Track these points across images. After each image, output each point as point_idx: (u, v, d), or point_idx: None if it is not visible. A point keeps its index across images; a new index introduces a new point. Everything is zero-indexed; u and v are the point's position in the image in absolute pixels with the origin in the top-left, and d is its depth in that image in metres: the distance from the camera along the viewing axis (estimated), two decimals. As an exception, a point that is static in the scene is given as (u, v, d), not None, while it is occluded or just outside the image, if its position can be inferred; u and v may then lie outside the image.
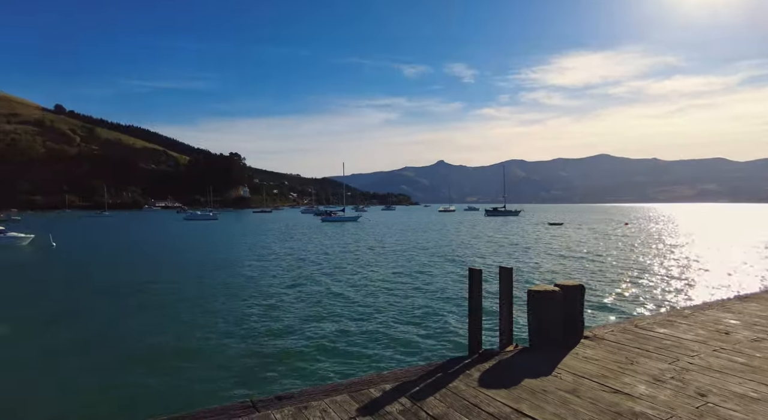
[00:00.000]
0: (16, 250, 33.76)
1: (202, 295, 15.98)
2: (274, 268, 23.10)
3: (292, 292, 16.39)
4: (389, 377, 4.14)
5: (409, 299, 14.83)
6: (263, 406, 3.51)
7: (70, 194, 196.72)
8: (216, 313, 13.42)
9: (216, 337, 10.93)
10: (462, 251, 29.69)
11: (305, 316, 12.92)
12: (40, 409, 7.32)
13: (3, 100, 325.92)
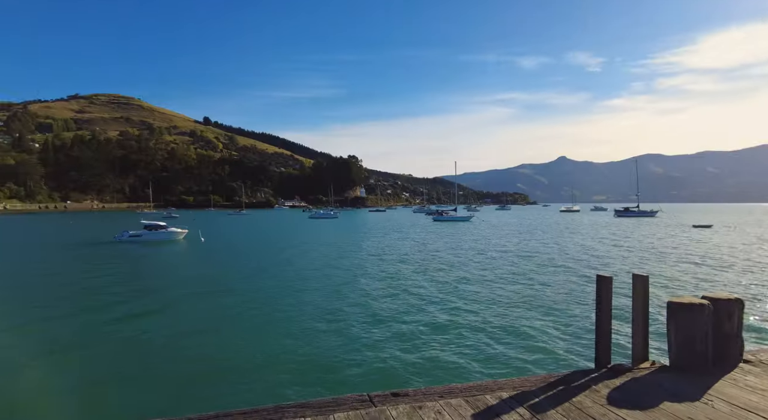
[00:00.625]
0: (175, 242, 39.66)
1: (323, 286, 17.10)
2: (385, 264, 23.76)
3: (403, 288, 16.71)
4: (506, 385, 3.97)
5: (525, 304, 14.14)
6: (380, 402, 3.61)
7: (214, 194, 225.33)
8: (332, 303, 14.26)
9: (331, 328, 11.61)
10: (587, 255, 27.40)
11: (414, 312, 13.07)
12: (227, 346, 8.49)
13: (165, 114, 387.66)
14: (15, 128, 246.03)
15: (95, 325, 12.43)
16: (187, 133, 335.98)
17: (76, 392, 8.04)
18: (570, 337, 10.64)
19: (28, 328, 12.18)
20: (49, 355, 9.93)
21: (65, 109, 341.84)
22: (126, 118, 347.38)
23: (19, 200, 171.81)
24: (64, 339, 11.10)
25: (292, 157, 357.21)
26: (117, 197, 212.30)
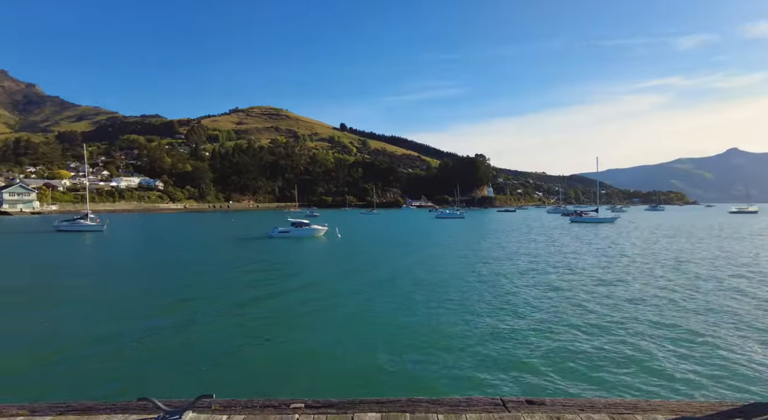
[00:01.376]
0: (316, 239, 43.39)
1: (455, 283, 17.10)
2: (513, 266, 22.77)
3: (535, 293, 15.83)
4: (661, 407, 3.52)
5: (689, 321, 12.31)
6: (513, 407, 3.49)
7: (349, 195, 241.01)
8: (467, 301, 14.15)
9: (464, 326, 11.52)
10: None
11: (552, 320, 12.28)
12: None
13: (308, 122, 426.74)
14: (192, 140, 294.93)
15: (256, 302, 14.26)
16: (326, 139, 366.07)
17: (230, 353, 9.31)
18: (752, 362, 8.97)
19: (195, 303, 14.47)
20: (212, 324, 11.68)
21: (228, 121, 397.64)
22: (276, 127, 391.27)
23: (195, 200, 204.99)
24: (225, 310, 12.95)
25: (419, 158, 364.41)
26: (268, 198, 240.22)
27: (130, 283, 19.49)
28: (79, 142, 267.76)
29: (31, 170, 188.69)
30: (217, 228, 64.96)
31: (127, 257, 29.71)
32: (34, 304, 15.10)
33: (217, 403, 4.24)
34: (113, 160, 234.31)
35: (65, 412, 4.07)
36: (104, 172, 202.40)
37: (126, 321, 12.72)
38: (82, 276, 21.59)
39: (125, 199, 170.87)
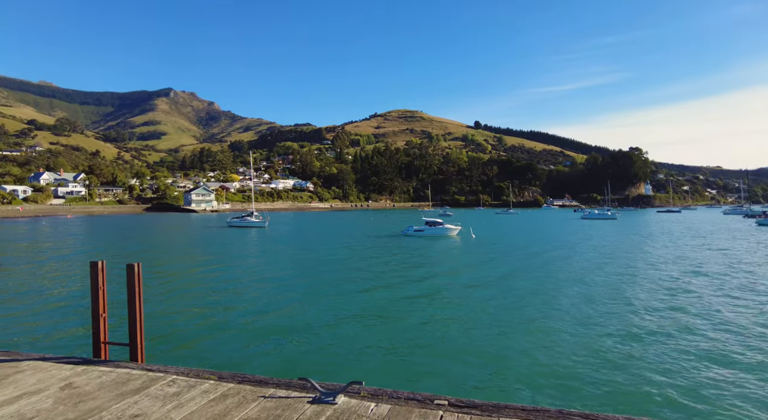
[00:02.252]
0: (450, 238, 43.42)
1: (607, 298, 15.57)
2: (700, 280, 19.68)
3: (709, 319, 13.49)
4: None
5: None
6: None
7: (483, 194, 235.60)
8: (621, 316, 12.76)
9: (614, 340, 10.40)
10: None
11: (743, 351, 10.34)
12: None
13: (442, 122, 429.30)
14: (337, 145, 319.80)
15: (391, 297, 14.88)
16: (459, 138, 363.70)
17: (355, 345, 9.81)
18: None
19: (333, 294, 15.58)
20: (342, 318, 12.46)
21: (368, 126, 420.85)
22: (411, 129, 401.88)
23: (339, 200, 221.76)
24: (360, 304, 13.71)
25: (561, 153, 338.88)
26: (404, 197, 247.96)
27: (291, 273, 21.92)
28: (245, 150, 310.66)
29: (211, 175, 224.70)
30: (358, 225, 69.29)
31: (286, 250, 33.45)
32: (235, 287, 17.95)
33: (365, 391, 4.54)
34: (272, 164, 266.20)
35: (243, 382, 4.77)
36: (265, 176, 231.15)
37: (289, 309, 14.35)
38: (246, 262, 25.03)
39: (282, 198, 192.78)
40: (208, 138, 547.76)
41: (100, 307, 5.81)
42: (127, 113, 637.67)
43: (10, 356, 5.46)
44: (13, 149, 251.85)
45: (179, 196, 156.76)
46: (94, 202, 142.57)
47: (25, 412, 3.91)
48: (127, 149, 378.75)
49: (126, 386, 4.51)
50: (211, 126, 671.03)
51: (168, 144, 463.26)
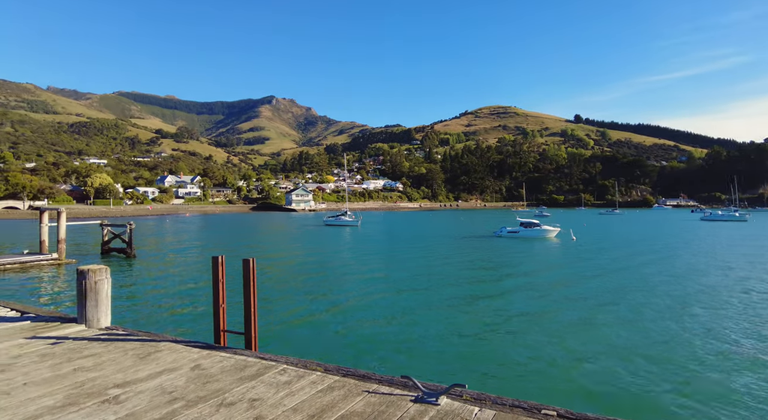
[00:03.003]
0: (547, 240, 41.21)
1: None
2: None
3: None
4: None
5: None
6: None
7: (585, 193, 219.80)
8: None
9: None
10: None
11: None
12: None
13: (538, 118, 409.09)
14: (426, 145, 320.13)
15: (473, 299, 14.51)
16: (558, 134, 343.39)
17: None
18: None
19: (428, 292, 15.50)
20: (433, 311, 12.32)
21: (458, 124, 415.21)
22: (503, 125, 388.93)
23: (428, 200, 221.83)
24: (446, 302, 13.50)
25: (675, 147, 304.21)
26: (495, 197, 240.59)
27: (385, 271, 22.42)
28: (339, 152, 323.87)
29: (309, 176, 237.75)
30: (447, 225, 68.69)
31: (379, 249, 34.25)
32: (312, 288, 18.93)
33: (468, 394, 4.46)
34: (364, 165, 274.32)
35: (347, 376, 4.95)
36: (357, 176, 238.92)
37: (385, 306, 14.69)
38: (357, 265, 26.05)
39: (372, 198, 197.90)
40: (306, 142, 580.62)
41: (220, 298, 6.42)
42: (235, 120, 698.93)
43: (151, 337, 6.27)
44: (144, 156, 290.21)
45: (281, 197, 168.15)
46: (208, 202, 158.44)
47: (166, 387, 4.45)
48: (235, 154, 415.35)
49: (244, 372, 4.93)
50: (309, 130, 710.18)
51: (271, 148, 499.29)
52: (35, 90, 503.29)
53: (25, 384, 4.53)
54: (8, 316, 7.42)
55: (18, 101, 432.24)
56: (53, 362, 5.16)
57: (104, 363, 5.15)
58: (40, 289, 17.49)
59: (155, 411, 3.96)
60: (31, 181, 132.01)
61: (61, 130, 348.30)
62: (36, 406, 4.01)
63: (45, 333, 6.42)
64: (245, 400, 4.23)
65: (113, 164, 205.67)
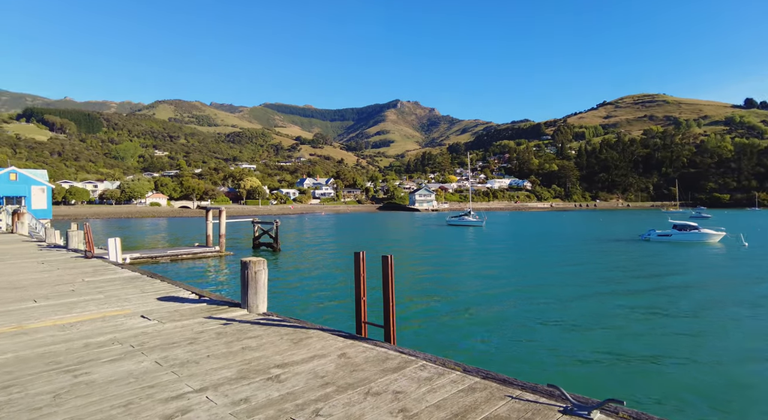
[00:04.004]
0: (708, 245, 35.45)
1: None
2: None
3: None
4: None
5: None
6: None
7: (759, 191, 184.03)
8: None
9: None
10: None
11: None
12: None
13: (693, 105, 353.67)
14: (558, 140, 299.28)
15: (615, 307, 13.00)
16: (720, 122, 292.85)
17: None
18: None
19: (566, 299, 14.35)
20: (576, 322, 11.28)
21: (595, 116, 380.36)
22: (649, 115, 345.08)
23: (560, 199, 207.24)
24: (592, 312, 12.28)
25: None
26: (641, 196, 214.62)
27: (517, 273, 21.59)
28: (462, 151, 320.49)
29: (431, 176, 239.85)
30: (583, 227, 63.30)
31: (507, 250, 33.09)
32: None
33: (625, 412, 4.02)
34: (488, 164, 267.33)
35: (487, 378, 4.83)
36: (481, 176, 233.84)
37: (518, 309, 14.14)
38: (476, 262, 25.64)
39: (497, 198, 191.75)
40: (429, 142, 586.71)
41: (361, 291, 6.78)
42: (363, 125, 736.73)
43: (301, 324, 6.90)
44: (286, 160, 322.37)
45: (405, 197, 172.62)
46: (340, 202, 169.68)
47: (318, 371, 4.84)
48: (363, 156, 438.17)
49: (385, 364, 5.12)
50: (432, 131, 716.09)
51: (395, 150, 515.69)
52: (201, 106, 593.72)
53: (208, 356, 5.33)
54: (190, 298, 8.83)
55: (189, 117, 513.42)
56: (226, 340, 5.98)
57: (265, 344, 5.80)
58: (208, 276, 20.52)
59: (311, 392, 4.32)
60: (198, 184, 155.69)
61: (220, 139, 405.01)
62: (218, 376, 4.68)
63: (217, 314, 7.47)
64: (389, 391, 4.38)
65: (261, 168, 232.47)
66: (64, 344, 5.83)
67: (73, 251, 17.08)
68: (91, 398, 4.16)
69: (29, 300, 8.58)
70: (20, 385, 4.46)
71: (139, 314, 7.46)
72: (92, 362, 5.12)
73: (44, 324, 6.84)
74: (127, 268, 12.93)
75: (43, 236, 23.40)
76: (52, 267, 13.03)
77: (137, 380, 4.57)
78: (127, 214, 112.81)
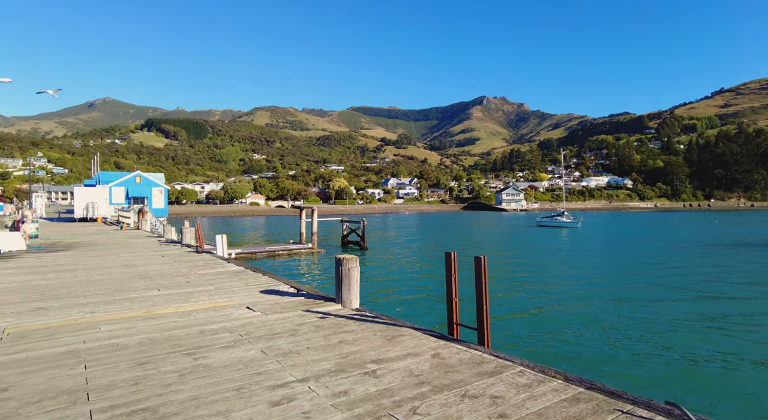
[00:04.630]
0: None
1: None
2: None
3: None
4: None
5: None
6: None
7: None
8: None
9: None
10: None
11: None
12: None
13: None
14: (664, 133, 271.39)
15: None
16: None
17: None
18: None
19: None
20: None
21: (708, 106, 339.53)
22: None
23: (666, 198, 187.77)
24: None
25: None
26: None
27: (624, 280, 20.02)
28: (554, 147, 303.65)
29: (520, 175, 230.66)
30: (696, 229, 56.71)
31: (611, 254, 30.78)
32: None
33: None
34: (583, 161, 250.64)
35: (592, 389, 4.50)
36: (575, 173, 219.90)
37: (629, 319, 13.11)
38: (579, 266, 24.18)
39: (594, 197, 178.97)
40: (517, 139, 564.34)
41: (453, 292, 6.70)
42: (447, 124, 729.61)
43: (393, 321, 6.99)
44: (371, 161, 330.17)
45: (491, 196, 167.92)
46: (423, 202, 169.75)
47: (413, 369, 4.87)
48: (447, 156, 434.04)
49: (481, 367, 5.00)
50: (521, 127, 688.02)
51: (481, 148, 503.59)
52: (295, 112, 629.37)
53: (308, 347, 5.60)
54: (289, 291, 9.37)
55: (284, 122, 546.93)
56: (324, 333, 6.24)
57: (359, 339, 5.96)
58: (302, 271, 21.65)
59: (407, 390, 4.35)
60: (292, 185, 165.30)
61: (311, 143, 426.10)
62: (318, 368, 4.90)
63: (314, 308, 7.84)
64: (486, 395, 4.27)
65: (348, 170, 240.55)
66: (183, 330, 6.49)
67: (186, 246, 19.00)
68: (209, 380, 4.58)
69: (154, 289, 9.70)
70: (153, 363, 5.05)
71: (245, 305, 8.08)
72: (208, 348, 5.63)
73: (167, 311, 7.68)
74: (232, 263, 14.08)
75: (161, 232, 26.31)
76: (170, 260, 14.61)
77: (246, 367, 4.94)
78: (229, 212, 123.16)
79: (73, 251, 16.93)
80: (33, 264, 13.53)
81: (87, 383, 4.48)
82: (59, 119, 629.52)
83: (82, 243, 20.33)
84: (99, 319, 7.08)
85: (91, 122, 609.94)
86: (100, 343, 5.83)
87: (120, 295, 9.02)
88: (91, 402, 4.06)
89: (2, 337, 6.10)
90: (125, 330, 6.45)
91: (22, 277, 11.19)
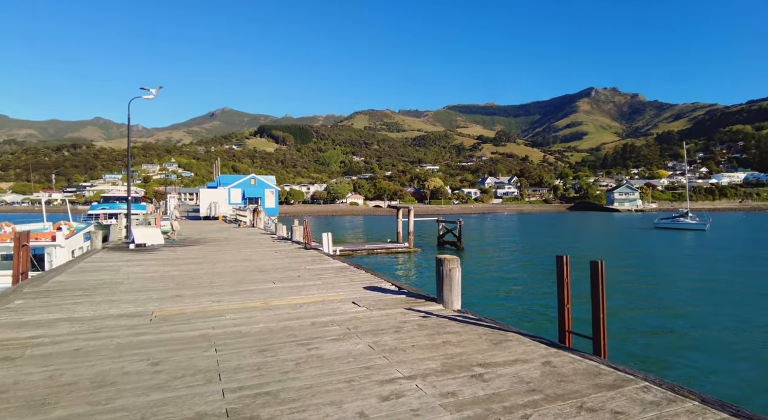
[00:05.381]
0: None
1: None
2: None
3: None
4: None
5: None
6: None
7: None
8: None
9: None
10: None
11: None
12: None
13: None
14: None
15: None
16: None
17: None
18: None
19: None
20: None
21: None
22: None
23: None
24: None
25: None
26: None
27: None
28: (675, 141, 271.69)
29: (634, 172, 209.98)
30: None
31: (749, 263, 26.86)
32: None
33: None
34: (712, 155, 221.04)
35: (738, 415, 3.94)
36: (702, 169, 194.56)
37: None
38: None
39: (727, 196, 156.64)
40: (631, 133, 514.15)
41: (565, 297, 6.32)
42: (551, 118, 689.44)
43: (498, 325, 6.79)
44: (467, 160, 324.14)
45: (601, 195, 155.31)
46: (524, 201, 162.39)
47: (522, 376, 4.68)
48: (551, 152, 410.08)
49: (598, 379, 4.64)
50: (635, 120, 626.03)
51: (589, 143, 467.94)
52: (391, 114, 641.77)
53: (413, 346, 5.67)
54: (391, 289, 9.58)
55: (381, 124, 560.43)
56: (428, 332, 6.27)
57: (464, 341, 5.88)
58: (400, 270, 22.01)
59: (517, 397, 4.19)
60: (388, 185, 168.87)
61: (406, 143, 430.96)
62: (424, 366, 4.94)
63: (416, 307, 7.92)
64: (606, 410, 3.95)
65: (443, 169, 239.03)
66: (297, 321, 6.96)
67: (295, 243, 20.37)
68: (322, 370, 4.86)
69: (270, 282, 10.54)
70: (272, 351, 5.50)
71: (351, 300, 8.43)
72: (319, 339, 5.98)
73: (282, 303, 8.30)
74: (337, 259, 14.79)
75: (273, 230, 28.52)
76: (282, 255, 15.77)
77: (355, 360, 5.15)
78: (331, 212, 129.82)
79: (200, 246, 19.07)
80: (169, 256, 15.51)
81: (218, 365, 5.01)
82: (187, 128, 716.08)
83: (207, 239, 22.81)
84: (224, 307, 7.88)
85: (212, 130, 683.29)
86: (225, 329, 6.49)
87: (241, 286, 9.95)
88: (223, 382, 4.53)
89: (152, 318, 7.08)
90: (246, 319, 7.10)
91: (162, 268, 12.88)
